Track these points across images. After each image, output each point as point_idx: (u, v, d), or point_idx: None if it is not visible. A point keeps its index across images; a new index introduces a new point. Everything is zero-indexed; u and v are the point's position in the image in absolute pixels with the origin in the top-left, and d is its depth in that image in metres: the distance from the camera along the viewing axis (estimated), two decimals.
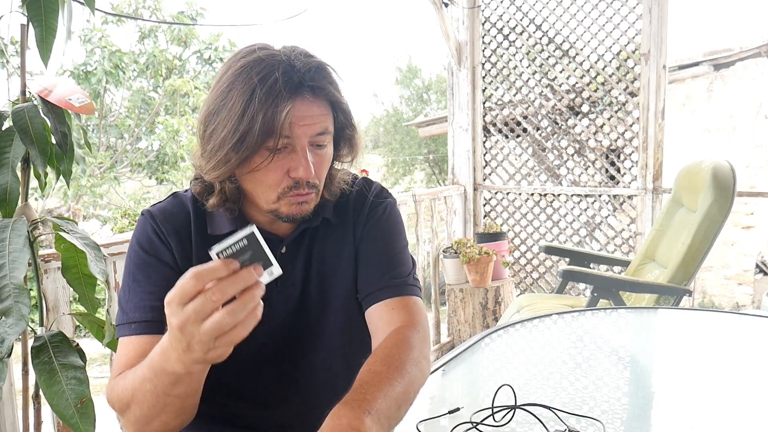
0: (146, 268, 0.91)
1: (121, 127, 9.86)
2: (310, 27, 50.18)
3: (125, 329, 0.88)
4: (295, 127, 0.83)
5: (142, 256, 0.92)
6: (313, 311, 0.98)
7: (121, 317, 0.90)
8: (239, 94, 0.82)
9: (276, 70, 0.82)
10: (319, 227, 0.98)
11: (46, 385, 1.20)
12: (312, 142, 0.87)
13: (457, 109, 3.86)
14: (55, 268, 1.66)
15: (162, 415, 0.77)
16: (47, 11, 1.33)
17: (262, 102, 0.80)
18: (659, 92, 3.26)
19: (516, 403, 0.90)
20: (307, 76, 0.84)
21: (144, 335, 0.87)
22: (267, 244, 0.65)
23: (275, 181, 0.86)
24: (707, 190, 2.32)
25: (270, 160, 0.84)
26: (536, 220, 3.78)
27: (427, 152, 13.26)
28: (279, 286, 0.95)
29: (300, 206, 0.89)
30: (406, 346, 0.85)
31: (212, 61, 9.93)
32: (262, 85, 0.81)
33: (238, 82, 0.82)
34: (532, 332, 1.32)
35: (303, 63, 0.84)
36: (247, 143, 0.81)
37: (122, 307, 0.91)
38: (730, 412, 0.94)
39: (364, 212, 1.01)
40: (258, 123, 0.80)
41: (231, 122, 0.82)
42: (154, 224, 0.93)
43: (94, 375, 4.92)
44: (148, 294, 0.89)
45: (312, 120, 0.85)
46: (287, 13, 2.98)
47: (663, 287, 2.32)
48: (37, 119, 1.37)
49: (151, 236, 0.93)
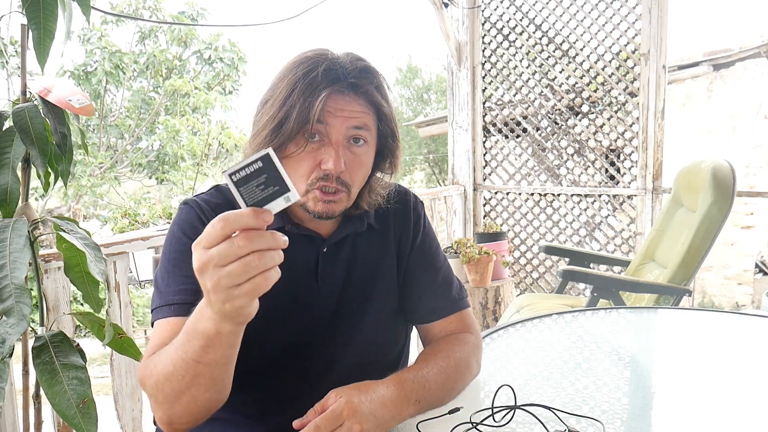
0: (187, 253, 0.90)
1: (121, 127, 9.86)
2: (311, 27, 50.15)
3: (163, 311, 0.87)
4: (329, 116, 0.86)
5: (185, 241, 0.91)
6: (350, 312, 0.99)
7: (158, 300, 0.89)
8: (285, 86, 0.87)
9: (320, 65, 0.87)
10: (363, 233, 1.00)
11: (48, 385, 1.20)
12: (347, 136, 0.89)
13: (457, 109, 3.87)
14: (55, 268, 1.67)
15: (192, 388, 0.75)
16: (46, 14, 1.33)
17: (302, 91, 0.85)
18: (659, 92, 3.26)
19: (516, 404, 0.90)
20: (350, 73, 0.88)
21: (182, 317, 0.85)
22: (309, 242, 0.62)
23: (306, 171, 0.88)
24: (707, 190, 2.32)
25: (303, 149, 0.87)
26: (536, 220, 3.78)
27: (427, 152, 13.27)
28: (319, 283, 0.96)
29: (327, 204, 0.89)
30: (461, 345, 0.99)
31: (212, 61, 9.93)
32: (305, 77, 0.86)
33: (287, 76, 0.88)
34: (532, 332, 1.32)
35: (350, 63, 0.89)
36: (284, 130, 0.86)
37: (160, 290, 0.90)
38: (730, 412, 0.94)
39: (408, 224, 1.06)
40: (296, 110, 0.85)
41: (273, 110, 0.87)
42: (200, 212, 0.94)
43: (94, 375, 4.92)
44: (188, 278, 0.88)
45: (349, 113, 0.87)
46: (287, 13, 2.98)
47: (663, 287, 2.32)
48: (38, 119, 1.37)
49: (196, 224, 0.93)
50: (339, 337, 0.98)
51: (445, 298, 1.05)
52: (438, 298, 1.04)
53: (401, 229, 1.04)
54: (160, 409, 0.79)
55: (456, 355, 0.96)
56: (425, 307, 1.04)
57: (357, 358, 0.99)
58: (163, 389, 0.77)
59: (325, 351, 0.98)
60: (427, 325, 1.05)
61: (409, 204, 1.07)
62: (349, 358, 0.99)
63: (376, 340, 1.02)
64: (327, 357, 0.98)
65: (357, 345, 1.00)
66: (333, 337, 0.98)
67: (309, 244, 0.96)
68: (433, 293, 1.04)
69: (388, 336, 1.04)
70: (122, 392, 1.88)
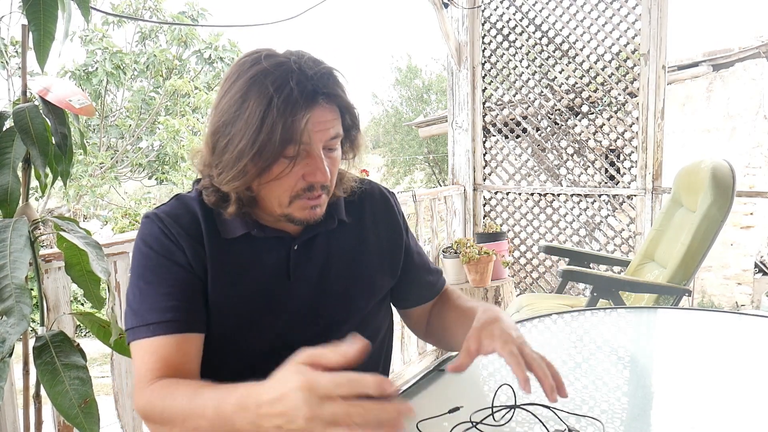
0: (158, 269, 0.90)
1: (121, 127, 9.86)
2: (310, 27, 50.14)
3: (141, 332, 0.86)
4: (312, 133, 0.85)
5: (152, 256, 0.90)
6: (330, 308, 1.00)
7: (133, 320, 0.88)
8: (255, 104, 0.82)
9: (290, 79, 0.82)
10: (335, 230, 1.00)
11: (49, 386, 1.20)
12: (326, 146, 0.88)
13: (457, 109, 3.87)
14: (55, 268, 1.67)
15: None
16: (46, 15, 1.34)
17: (281, 112, 0.81)
18: (659, 92, 3.26)
19: (516, 403, 0.90)
20: (320, 84, 0.85)
21: (163, 335, 0.85)
22: (278, 242, 0.61)
23: (291, 186, 0.88)
24: (707, 190, 2.32)
25: (291, 168, 0.85)
26: (536, 220, 3.78)
27: (427, 152, 13.26)
28: (291, 280, 0.96)
29: (312, 210, 0.90)
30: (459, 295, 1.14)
31: (212, 60, 9.93)
32: (279, 94, 0.81)
33: (253, 92, 0.83)
34: (531, 332, 1.33)
35: (314, 70, 0.85)
36: (267, 153, 0.82)
37: (134, 309, 0.89)
38: (730, 412, 0.94)
39: (392, 216, 1.08)
40: (278, 133, 0.81)
41: (249, 133, 0.82)
42: (162, 226, 0.92)
43: (94, 375, 4.91)
44: (162, 295, 0.87)
45: (327, 125, 0.87)
46: (287, 13, 2.98)
47: (662, 287, 2.32)
48: (38, 119, 1.37)
49: (161, 237, 0.91)
50: (322, 333, 0.99)
51: (434, 280, 1.14)
52: (427, 282, 1.13)
53: (380, 218, 1.06)
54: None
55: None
56: (415, 295, 1.12)
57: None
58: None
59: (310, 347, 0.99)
60: (420, 308, 1.14)
61: (384, 194, 1.10)
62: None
63: (362, 332, 1.03)
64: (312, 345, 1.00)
65: (341, 338, 1.01)
66: (316, 334, 0.98)
67: (278, 243, 0.96)
68: (425, 276, 1.12)
69: (373, 326, 1.05)
70: (123, 392, 1.88)
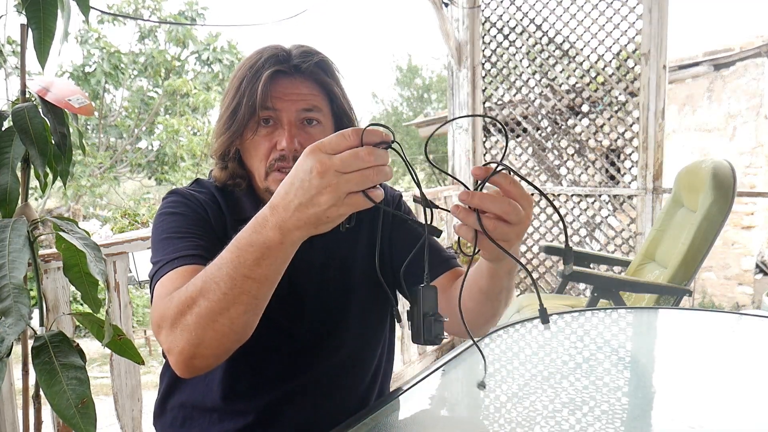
0: (183, 224, 0.92)
1: (120, 127, 9.87)
2: (310, 27, 50.15)
3: (170, 265, 0.85)
4: (277, 101, 0.92)
5: (177, 218, 0.93)
6: (335, 294, 1.02)
7: (161, 258, 0.87)
8: (236, 79, 0.94)
9: (265, 53, 0.93)
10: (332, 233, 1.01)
11: (47, 386, 1.20)
12: (299, 118, 0.93)
13: (457, 109, 3.86)
14: (55, 268, 1.66)
15: (231, 308, 0.71)
16: (46, 13, 1.33)
17: (249, 79, 0.92)
18: (659, 92, 3.26)
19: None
20: (294, 58, 0.93)
21: (188, 265, 0.84)
22: None
23: (264, 154, 0.93)
24: (707, 190, 2.32)
25: (256, 133, 0.93)
26: (536, 220, 3.78)
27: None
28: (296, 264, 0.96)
29: None
30: None
31: (210, 62, 9.93)
32: (252, 67, 0.92)
33: (240, 71, 0.95)
34: (532, 332, 1.32)
35: (295, 48, 0.94)
36: (238, 117, 0.92)
37: (159, 255, 0.89)
38: (730, 412, 0.94)
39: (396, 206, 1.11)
40: (245, 98, 0.91)
41: (227, 100, 0.95)
42: (189, 196, 0.98)
43: (94, 375, 4.92)
44: (187, 241, 0.89)
45: (297, 96, 0.92)
46: (287, 13, 2.98)
47: (663, 287, 2.32)
48: (37, 119, 1.37)
49: (187, 203, 0.96)
50: (327, 319, 1.01)
51: (448, 256, 1.07)
52: (441, 257, 1.05)
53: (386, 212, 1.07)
54: (184, 338, 0.74)
55: None
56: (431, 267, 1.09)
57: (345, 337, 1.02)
58: (197, 312, 0.73)
59: (312, 332, 1.01)
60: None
61: (393, 194, 1.14)
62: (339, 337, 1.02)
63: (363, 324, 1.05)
64: (314, 339, 1.01)
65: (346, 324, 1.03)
66: (321, 320, 1.01)
67: None
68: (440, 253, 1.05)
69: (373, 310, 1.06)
70: (122, 392, 1.88)
